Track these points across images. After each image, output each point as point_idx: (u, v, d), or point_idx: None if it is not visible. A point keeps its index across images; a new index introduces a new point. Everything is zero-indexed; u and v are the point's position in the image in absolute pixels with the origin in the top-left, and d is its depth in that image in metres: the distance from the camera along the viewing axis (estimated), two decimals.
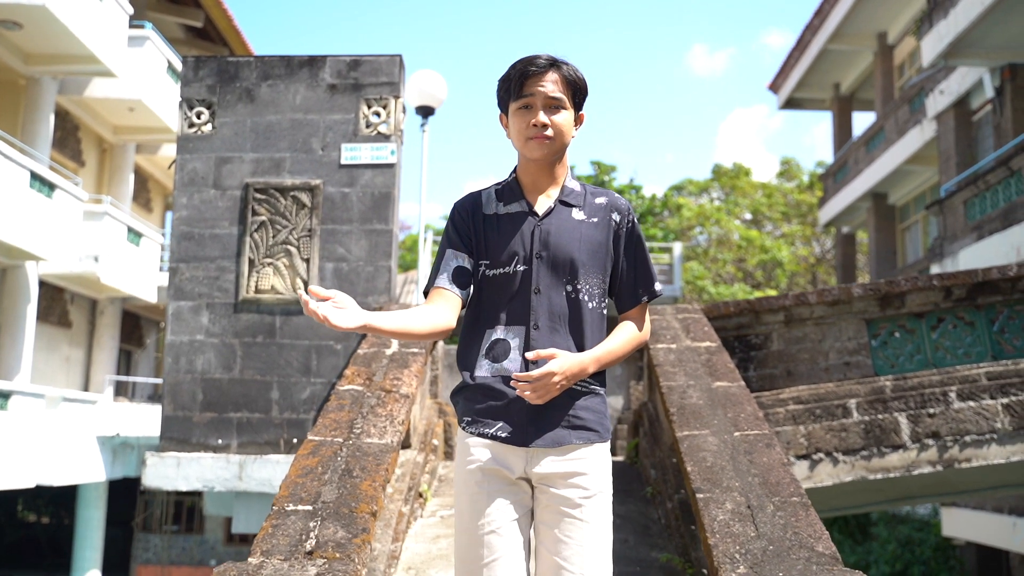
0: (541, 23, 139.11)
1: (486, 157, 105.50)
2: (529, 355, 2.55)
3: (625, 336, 2.75)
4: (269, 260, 7.44)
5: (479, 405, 2.67)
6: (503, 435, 2.64)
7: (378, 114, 7.60)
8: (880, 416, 6.49)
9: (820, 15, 23.92)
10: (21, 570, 25.86)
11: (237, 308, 7.41)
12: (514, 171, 2.85)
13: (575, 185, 2.81)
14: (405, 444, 5.82)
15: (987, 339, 6.79)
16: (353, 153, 7.52)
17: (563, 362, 2.55)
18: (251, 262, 7.45)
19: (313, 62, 7.73)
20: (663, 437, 5.91)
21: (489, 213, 2.78)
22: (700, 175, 52.25)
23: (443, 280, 2.72)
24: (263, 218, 7.47)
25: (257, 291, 7.41)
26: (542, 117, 2.66)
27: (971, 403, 6.50)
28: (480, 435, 2.67)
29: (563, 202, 2.77)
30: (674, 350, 5.51)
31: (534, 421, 2.63)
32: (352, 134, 7.59)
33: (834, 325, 6.80)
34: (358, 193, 7.51)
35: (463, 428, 2.74)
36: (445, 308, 2.68)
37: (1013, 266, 6.66)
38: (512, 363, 2.66)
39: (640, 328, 2.81)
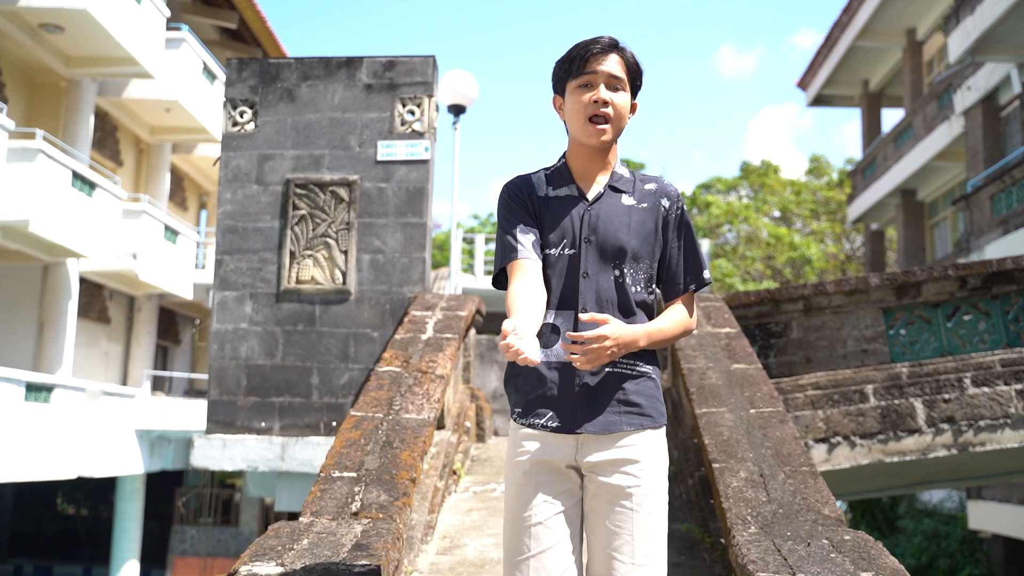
0: (570, 24, 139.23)
1: (515, 156, 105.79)
2: (584, 316, 2.51)
3: (675, 318, 2.70)
4: (309, 252, 7.80)
5: (529, 396, 2.64)
6: (553, 425, 2.59)
7: (412, 112, 7.94)
8: (896, 401, 6.73)
9: (849, 12, 23.98)
10: (61, 561, 26.32)
11: (279, 298, 7.78)
12: (563, 157, 2.82)
13: (624, 171, 2.79)
14: (440, 425, 6.13)
15: (1002, 327, 7.01)
16: (389, 150, 7.86)
17: (616, 328, 2.49)
18: (292, 254, 7.81)
19: (350, 63, 8.08)
20: (685, 419, 6.19)
21: (541, 195, 2.75)
22: (729, 173, 52.21)
23: (524, 252, 2.65)
24: (303, 212, 7.83)
25: (298, 281, 7.78)
26: (604, 93, 2.64)
27: (985, 389, 6.72)
28: (531, 426, 2.63)
29: (613, 187, 2.74)
30: (695, 335, 5.79)
31: (583, 407, 2.59)
32: (388, 132, 7.93)
33: (852, 314, 7.05)
34: (393, 188, 7.85)
35: (514, 419, 2.70)
36: (539, 279, 2.64)
37: None
38: (561, 348, 2.60)
39: (689, 314, 2.76)
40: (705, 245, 27.68)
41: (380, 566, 3.25)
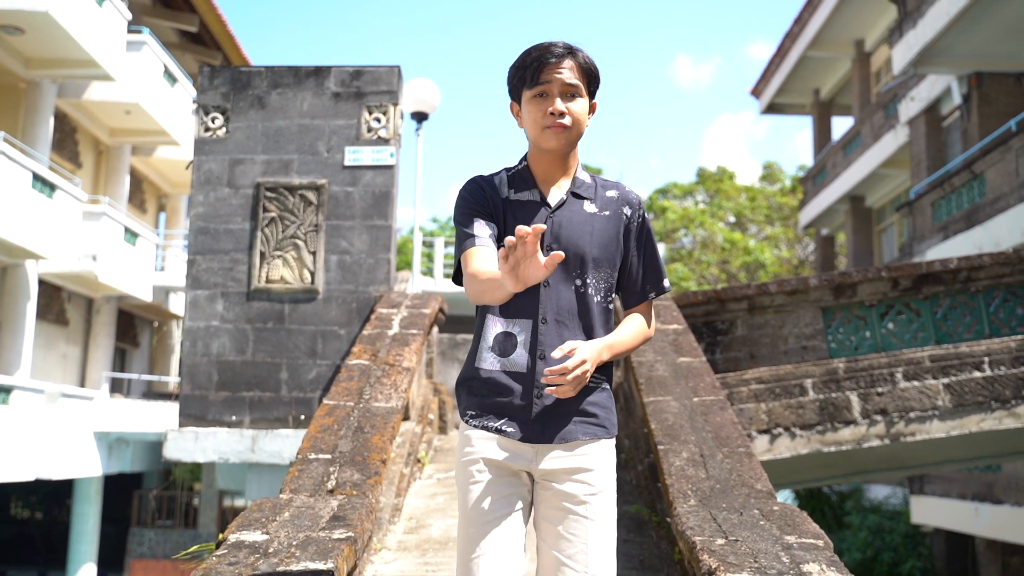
0: (528, 31, 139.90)
1: (475, 160, 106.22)
2: (556, 354, 2.45)
3: (634, 328, 2.69)
4: (279, 253, 8.12)
5: (484, 400, 2.62)
6: (508, 430, 2.59)
7: (378, 120, 8.29)
8: (833, 395, 7.19)
9: (800, 22, 24.54)
10: (15, 566, 26.08)
11: (249, 296, 8.08)
12: (523, 159, 2.78)
13: (586, 177, 2.76)
14: (405, 417, 6.48)
15: (931, 326, 7.50)
16: (356, 155, 8.21)
17: (587, 349, 2.48)
18: (262, 255, 8.12)
19: (319, 72, 8.41)
20: (635, 410, 6.58)
21: (503, 196, 2.71)
22: (685, 178, 53.04)
23: (482, 240, 2.61)
24: (273, 214, 8.14)
25: (268, 281, 8.09)
26: (560, 104, 2.60)
27: (915, 383, 7.20)
28: (484, 428, 2.62)
29: (575, 194, 2.70)
30: None
31: (540, 417, 2.58)
32: (355, 138, 8.28)
33: (793, 313, 7.50)
34: (360, 192, 8.19)
35: (466, 421, 2.68)
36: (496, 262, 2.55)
37: (954, 259, 7.38)
38: (519, 358, 2.60)
39: (648, 323, 2.75)
40: (661, 249, 28.11)
41: (356, 535, 3.60)
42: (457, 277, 2.74)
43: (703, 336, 7.41)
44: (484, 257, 2.55)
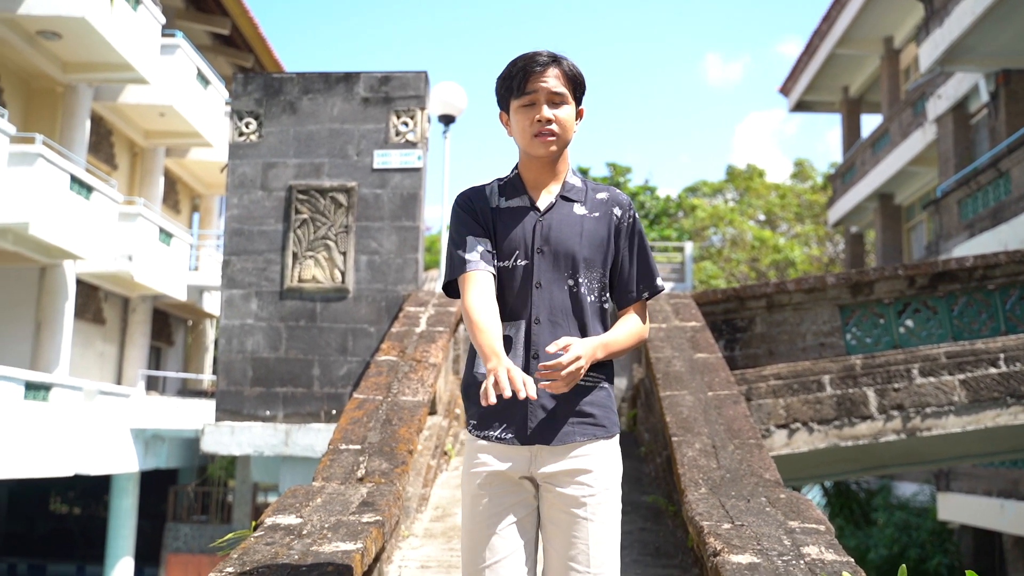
0: (555, 35, 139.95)
1: (502, 161, 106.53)
2: (550, 349, 2.48)
3: (628, 328, 2.71)
4: (310, 253, 8.40)
5: (484, 407, 2.60)
6: (507, 437, 2.61)
7: (406, 124, 8.55)
8: (851, 390, 7.34)
9: (828, 20, 24.52)
10: (55, 560, 26.54)
11: (282, 295, 8.37)
12: (515, 168, 2.84)
13: (576, 181, 2.81)
14: (432, 411, 6.72)
15: (948, 323, 7.64)
16: (384, 158, 8.48)
17: (580, 346, 2.50)
18: (294, 255, 8.41)
19: (348, 78, 8.68)
20: (655, 405, 6.78)
21: (493, 206, 2.77)
22: (715, 177, 52.92)
23: (474, 264, 2.67)
24: (305, 216, 8.42)
25: (300, 280, 8.39)
26: (546, 112, 2.65)
27: (932, 379, 7.34)
28: (484, 438, 2.65)
29: (564, 197, 2.75)
30: (664, 329, 6.39)
31: (536, 419, 2.60)
32: (383, 141, 8.55)
33: (811, 310, 7.66)
34: (389, 194, 8.46)
35: (469, 431, 2.72)
36: (492, 293, 2.66)
37: (970, 258, 7.51)
38: (514, 358, 2.63)
39: (642, 323, 2.76)
40: (689, 248, 28.17)
41: (384, 519, 3.83)
42: (448, 289, 2.81)
43: (723, 333, 7.59)
44: (479, 293, 2.63)
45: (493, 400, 2.35)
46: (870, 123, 29.05)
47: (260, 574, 3.10)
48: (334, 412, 8.12)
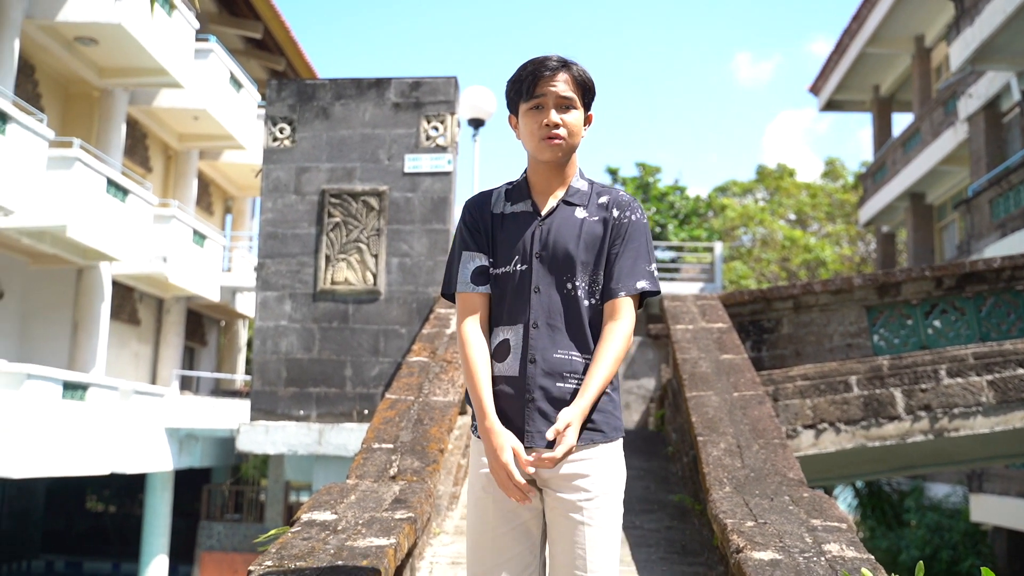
0: (584, 36, 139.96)
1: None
2: (549, 434, 2.51)
3: (609, 351, 2.64)
4: (343, 256, 8.56)
5: None
6: None
7: (436, 128, 8.69)
8: (878, 391, 7.38)
9: (858, 19, 24.41)
10: (91, 557, 26.89)
11: (315, 297, 8.54)
12: (524, 172, 2.85)
13: (582, 185, 2.80)
14: (462, 411, 6.83)
15: (975, 323, 7.66)
16: (415, 163, 8.63)
17: (575, 424, 2.52)
18: (327, 258, 8.58)
19: (379, 83, 8.84)
20: (682, 406, 6.87)
21: (496, 212, 2.80)
22: (746, 176, 52.73)
23: (465, 286, 2.73)
24: (337, 219, 8.58)
25: (333, 283, 8.56)
26: (554, 116, 2.66)
27: (959, 379, 7.37)
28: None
29: (567, 201, 2.76)
30: (690, 330, 6.48)
31: (535, 422, 2.61)
32: (414, 146, 8.70)
33: (838, 312, 7.71)
34: (419, 197, 8.61)
35: (474, 433, 2.74)
36: (481, 316, 2.72)
37: (997, 259, 7.53)
38: (512, 362, 2.67)
39: (617, 329, 2.68)
40: (719, 248, 28.10)
41: (416, 516, 3.96)
42: (445, 294, 2.87)
43: (750, 334, 7.66)
44: (471, 323, 2.72)
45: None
46: (901, 122, 28.86)
47: (298, 568, 3.22)
48: (366, 412, 8.27)
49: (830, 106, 28.63)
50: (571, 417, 2.52)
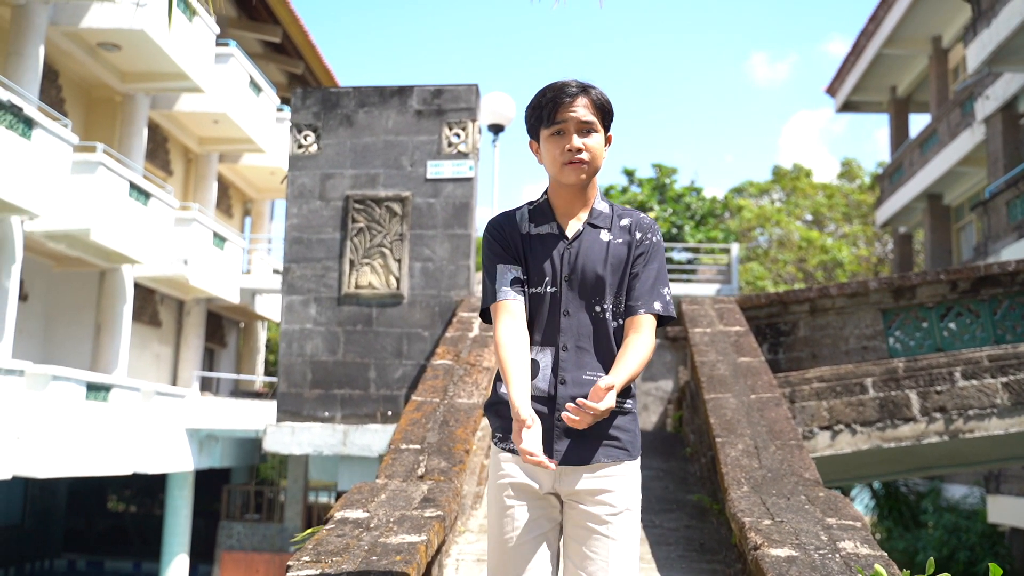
0: (602, 34, 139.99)
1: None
2: (579, 404, 2.52)
3: (633, 356, 2.69)
4: (367, 260, 8.74)
5: (512, 423, 2.61)
6: None
7: (458, 135, 8.86)
8: (893, 393, 7.49)
9: (875, 20, 24.38)
10: (112, 556, 27.09)
11: (340, 301, 8.72)
12: (545, 193, 2.90)
13: (604, 207, 2.86)
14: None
15: (990, 326, 7.76)
16: (437, 169, 8.81)
17: (609, 399, 2.53)
18: (351, 262, 8.76)
19: (402, 91, 9.02)
20: (700, 407, 7.00)
21: (524, 232, 2.83)
22: (762, 176, 52.59)
23: (505, 293, 2.75)
24: (361, 225, 8.76)
25: (357, 287, 8.74)
26: (577, 141, 2.70)
27: (974, 381, 7.47)
28: (511, 451, 2.70)
29: (592, 224, 2.81)
30: (708, 333, 6.61)
31: (563, 439, 2.66)
32: (436, 152, 8.88)
33: (853, 315, 7.83)
34: (441, 203, 8.78)
35: (495, 443, 2.78)
36: (522, 321, 2.74)
37: (1012, 262, 7.62)
38: (542, 382, 2.70)
39: (640, 339, 2.74)
40: (736, 249, 28.13)
41: (444, 514, 4.11)
42: (484, 315, 2.89)
43: (766, 337, 7.78)
44: (509, 326, 2.72)
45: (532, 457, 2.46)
46: (918, 123, 28.82)
47: (334, 563, 3.38)
48: (390, 413, 8.44)
49: (847, 107, 28.60)
50: (615, 381, 2.57)
